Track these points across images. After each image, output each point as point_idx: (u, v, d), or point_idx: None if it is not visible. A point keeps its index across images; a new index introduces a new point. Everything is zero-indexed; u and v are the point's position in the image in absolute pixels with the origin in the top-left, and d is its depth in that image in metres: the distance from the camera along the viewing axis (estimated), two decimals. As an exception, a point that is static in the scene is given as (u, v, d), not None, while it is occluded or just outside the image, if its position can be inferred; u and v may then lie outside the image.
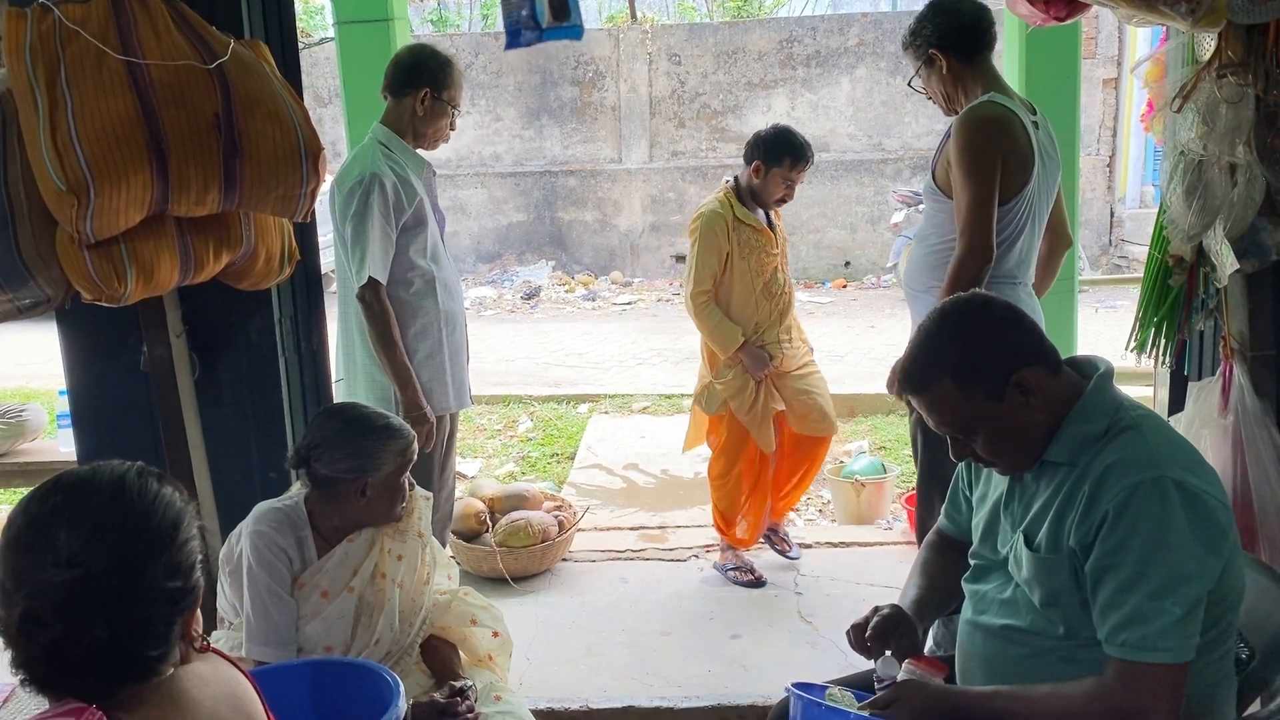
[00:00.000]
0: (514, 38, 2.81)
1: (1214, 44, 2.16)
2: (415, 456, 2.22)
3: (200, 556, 1.26)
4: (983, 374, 1.66)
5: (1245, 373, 2.30)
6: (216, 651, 1.32)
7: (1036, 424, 1.69)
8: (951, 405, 1.69)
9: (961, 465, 1.97)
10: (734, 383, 3.66)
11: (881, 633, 1.84)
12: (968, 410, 1.68)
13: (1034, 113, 2.74)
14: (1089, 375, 1.72)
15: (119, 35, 1.97)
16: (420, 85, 2.94)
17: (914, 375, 1.74)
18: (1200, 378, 2.50)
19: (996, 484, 1.83)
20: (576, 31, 2.86)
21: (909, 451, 5.53)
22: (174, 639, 1.22)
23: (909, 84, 2.91)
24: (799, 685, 1.83)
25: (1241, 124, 2.10)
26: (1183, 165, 2.21)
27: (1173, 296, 2.41)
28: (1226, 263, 2.21)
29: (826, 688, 1.89)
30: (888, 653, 1.81)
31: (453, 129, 3.06)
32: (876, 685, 1.75)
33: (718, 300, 3.67)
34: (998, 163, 2.58)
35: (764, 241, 3.67)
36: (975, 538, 1.88)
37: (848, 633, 1.89)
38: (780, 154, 3.58)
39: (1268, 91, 2.09)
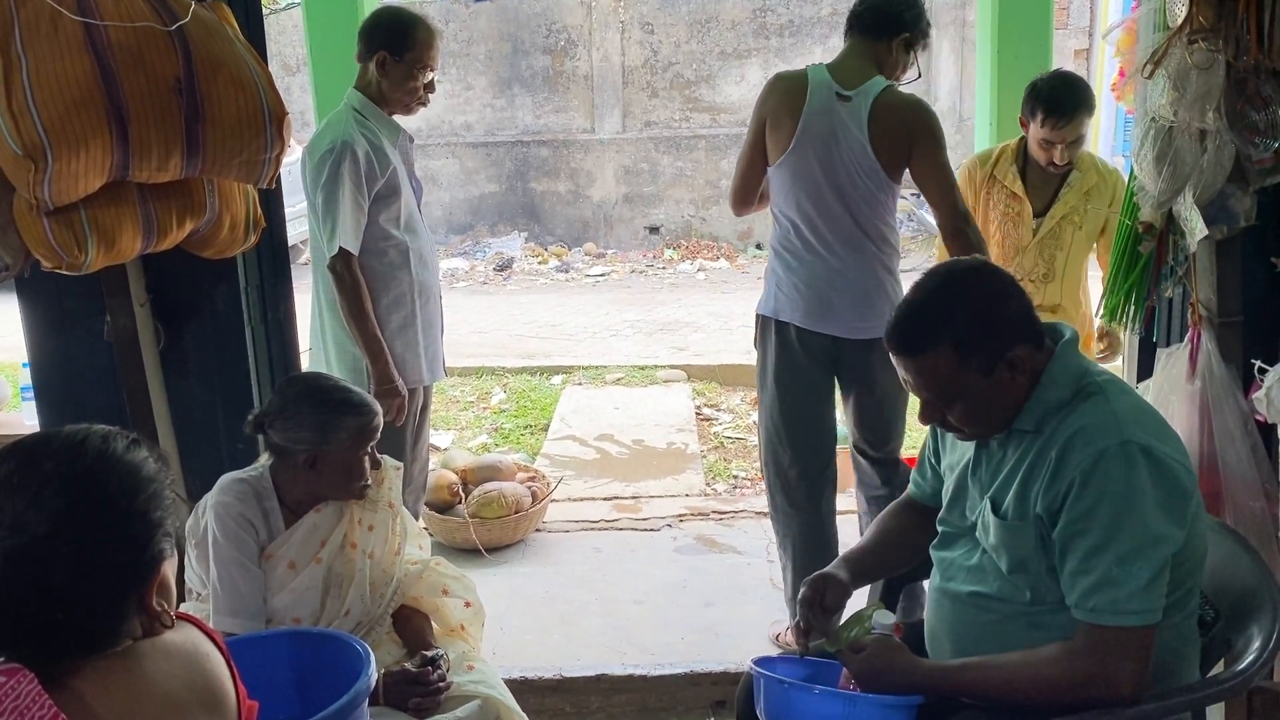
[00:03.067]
0: None
1: (1185, 10, 2.15)
2: (377, 434, 2.18)
3: (166, 528, 1.21)
4: (983, 346, 1.64)
5: (1213, 339, 2.31)
6: (195, 622, 1.27)
7: (1015, 398, 1.69)
8: (943, 373, 1.66)
9: (929, 433, 1.98)
10: None
11: (809, 608, 1.85)
12: (957, 380, 1.65)
13: (848, 89, 2.78)
14: (1055, 342, 1.72)
15: (75, -5, 1.92)
16: (377, 48, 2.85)
17: (910, 337, 1.68)
18: (1169, 344, 2.52)
19: (964, 451, 1.84)
20: None
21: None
22: (125, 612, 1.17)
23: None
24: (761, 661, 1.84)
25: (1212, 90, 2.10)
26: (1153, 132, 2.21)
27: (1142, 263, 2.42)
28: (1195, 229, 2.22)
29: (789, 660, 1.90)
30: (881, 606, 1.83)
31: (429, 91, 2.93)
32: (875, 631, 1.77)
33: None
34: (759, 122, 2.90)
35: (1015, 210, 3.20)
36: (944, 504, 1.89)
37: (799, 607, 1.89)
38: (1034, 106, 3.09)
39: (1238, 58, 2.09)
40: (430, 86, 2.94)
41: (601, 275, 10.43)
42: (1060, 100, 3.02)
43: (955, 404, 1.68)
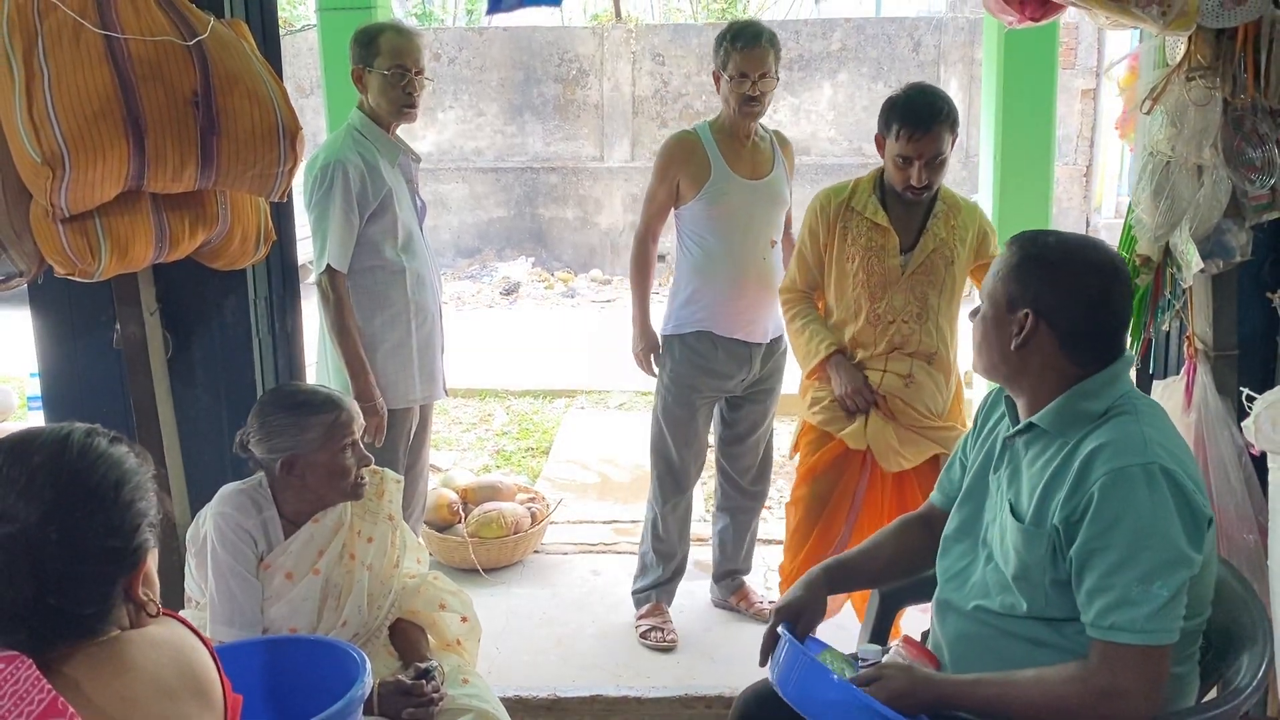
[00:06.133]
0: (495, 4, 2.82)
1: (1184, 47, 2.19)
2: (351, 430, 2.17)
3: (150, 519, 1.26)
4: (1029, 282, 1.70)
5: (1208, 372, 2.34)
6: (176, 617, 1.31)
7: (1008, 358, 1.73)
8: (1006, 267, 1.74)
9: (979, 416, 1.97)
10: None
11: (782, 619, 1.85)
12: (1000, 283, 1.74)
13: None
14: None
15: (98, 9, 1.97)
16: (354, 64, 2.90)
17: (1027, 232, 1.78)
18: (1165, 376, 2.54)
19: (994, 445, 1.84)
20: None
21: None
22: (114, 599, 1.22)
23: None
24: (790, 628, 1.82)
25: (1209, 126, 2.14)
26: (1151, 166, 2.25)
27: (1139, 296, 2.44)
28: (1192, 263, 2.24)
29: (821, 644, 1.89)
30: (867, 641, 1.84)
31: (412, 91, 2.89)
32: (859, 666, 1.77)
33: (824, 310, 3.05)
34: None
35: (879, 242, 2.86)
36: (958, 499, 1.89)
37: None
38: (889, 119, 2.77)
39: (1235, 95, 2.13)
40: (411, 86, 2.89)
41: (607, 301, 10.47)
42: (918, 110, 2.71)
43: (985, 304, 1.77)
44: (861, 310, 2.90)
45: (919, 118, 2.69)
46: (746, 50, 3.11)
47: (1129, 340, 2.49)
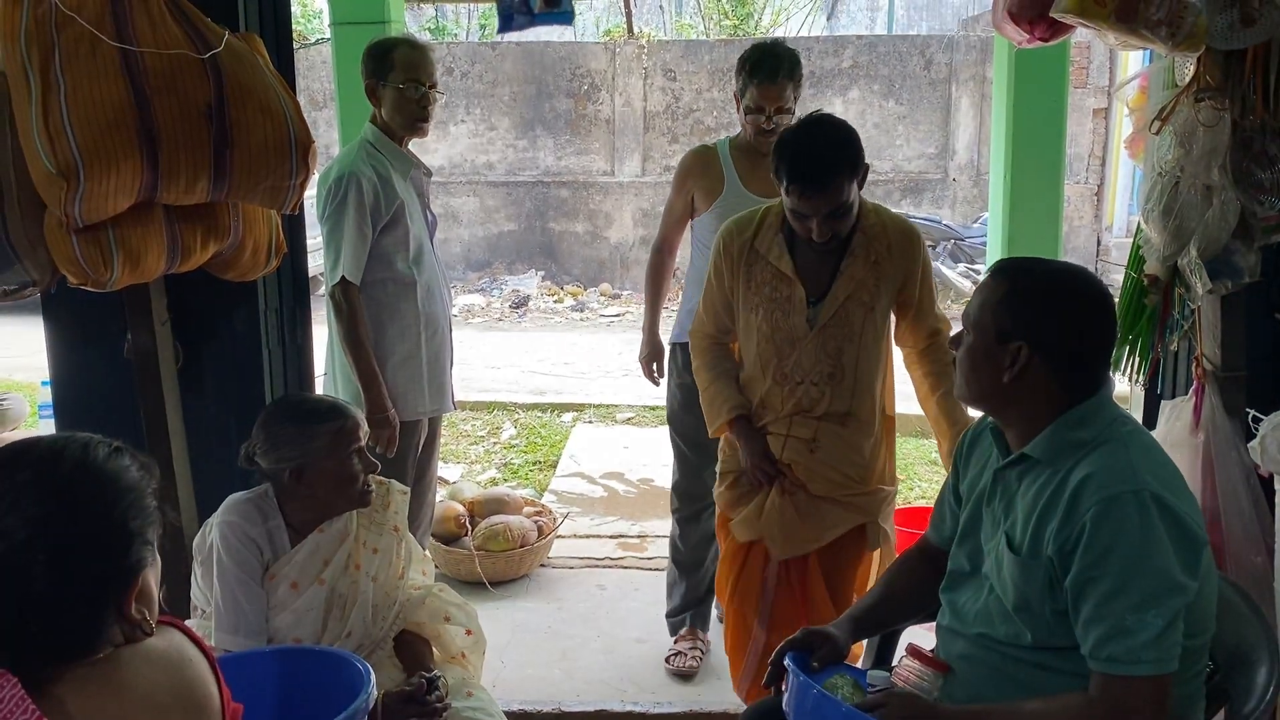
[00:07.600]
0: (506, 22, 2.86)
1: (1193, 68, 2.20)
2: (357, 437, 2.18)
3: (145, 536, 1.21)
4: (1021, 314, 1.69)
5: (1216, 393, 2.33)
6: (177, 625, 1.27)
7: (999, 390, 1.72)
8: (994, 297, 1.72)
9: (958, 457, 1.97)
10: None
11: (788, 650, 1.84)
12: (989, 314, 1.72)
13: None
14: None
15: (114, 22, 1.99)
16: (367, 78, 2.93)
17: (1011, 261, 1.79)
18: (1173, 397, 2.53)
19: (983, 478, 1.84)
20: (567, 17, 2.92)
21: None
22: (103, 621, 1.17)
23: None
24: (795, 659, 1.81)
25: (1217, 147, 2.14)
26: (1160, 187, 2.25)
27: (1147, 316, 2.44)
28: (1200, 284, 2.24)
29: (828, 671, 1.89)
30: (871, 664, 1.83)
31: (426, 105, 2.92)
32: (869, 691, 1.77)
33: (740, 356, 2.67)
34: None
35: (785, 294, 2.50)
36: (957, 535, 1.89)
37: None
38: (777, 168, 2.37)
39: (1243, 116, 2.13)
40: (424, 100, 2.92)
41: (616, 315, 10.48)
42: (804, 167, 2.30)
43: (970, 335, 1.75)
44: (769, 366, 2.53)
45: (806, 176, 2.30)
46: (764, 85, 3.00)
47: (1139, 362, 2.49)
